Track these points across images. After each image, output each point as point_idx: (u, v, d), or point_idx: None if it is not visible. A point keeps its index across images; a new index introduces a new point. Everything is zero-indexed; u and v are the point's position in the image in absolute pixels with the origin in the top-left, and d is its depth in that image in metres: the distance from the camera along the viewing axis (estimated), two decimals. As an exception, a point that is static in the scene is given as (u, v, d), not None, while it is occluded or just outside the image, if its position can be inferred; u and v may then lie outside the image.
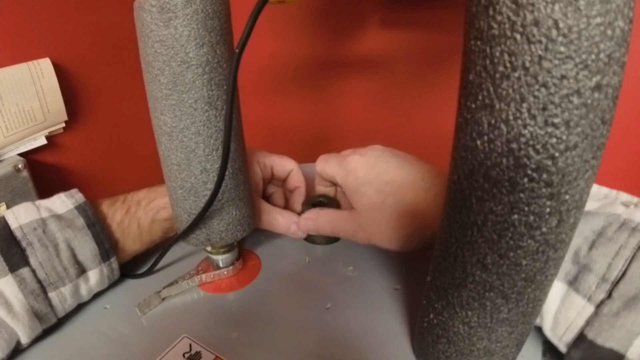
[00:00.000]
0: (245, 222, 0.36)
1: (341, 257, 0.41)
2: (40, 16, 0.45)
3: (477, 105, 0.19)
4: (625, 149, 0.51)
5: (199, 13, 0.28)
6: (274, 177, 0.44)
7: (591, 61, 0.16)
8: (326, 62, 0.65)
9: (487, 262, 0.21)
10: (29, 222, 0.31)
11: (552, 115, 0.17)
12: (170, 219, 0.37)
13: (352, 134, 0.69)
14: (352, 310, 0.34)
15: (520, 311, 0.23)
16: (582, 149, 0.18)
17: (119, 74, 0.55)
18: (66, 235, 0.32)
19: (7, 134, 0.44)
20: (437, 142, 0.36)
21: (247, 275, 0.39)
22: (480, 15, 0.17)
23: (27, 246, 0.30)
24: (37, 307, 0.30)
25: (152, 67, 0.29)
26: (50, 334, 0.32)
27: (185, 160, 0.31)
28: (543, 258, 0.21)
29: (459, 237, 0.22)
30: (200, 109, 0.30)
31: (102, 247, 0.33)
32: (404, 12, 0.57)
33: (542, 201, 0.19)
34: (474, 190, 0.20)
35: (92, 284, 0.34)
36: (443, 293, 0.25)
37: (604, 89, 0.17)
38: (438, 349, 0.27)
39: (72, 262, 0.32)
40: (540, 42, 0.16)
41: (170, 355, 0.31)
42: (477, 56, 0.18)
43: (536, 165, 0.18)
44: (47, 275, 0.31)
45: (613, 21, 0.16)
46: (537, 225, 0.20)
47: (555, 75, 0.16)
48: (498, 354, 0.25)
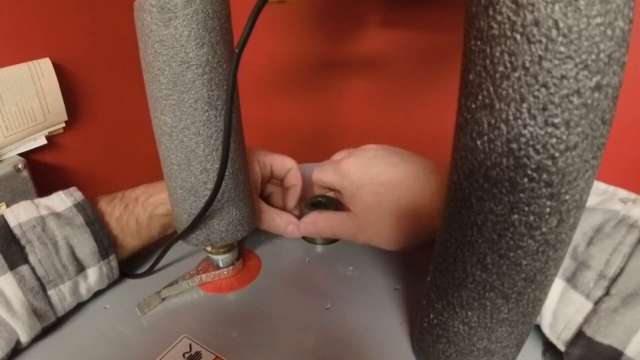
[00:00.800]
0: (246, 222, 0.36)
1: (341, 257, 0.41)
2: (40, 16, 0.45)
3: (477, 105, 0.19)
4: (625, 149, 0.51)
5: (199, 13, 0.28)
6: (273, 176, 0.44)
7: (591, 61, 0.16)
8: (326, 62, 0.65)
9: (487, 262, 0.21)
10: (28, 220, 0.31)
11: (552, 115, 0.17)
12: (169, 215, 0.37)
13: (352, 134, 0.69)
14: (352, 310, 0.34)
15: (520, 311, 0.23)
16: (582, 149, 0.18)
17: (119, 74, 0.55)
18: (65, 233, 0.32)
19: (7, 133, 0.44)
20: (437, 142, 0.36)
21: (247, 275, 0.39)
22: (480, 15, 0.17)
23: (26, 244, 0.30)
24: (36, 305, 0.30)
25: (152, 67, 0.29)
26: (50, 334, 0.32)
27: (185, 160, 0.31)
28: (543, 258, 0.21)
29: (459, 237, 0.22)
30: (200, 109, 0.30)
31: (101, 244, 0.34)
32: (404, 12, 0.57)
33: (542, 201, 0.19)
34: (474, 190, 0.20)
35: (91, 282, 0.34)
36: (443, 293, 0.25)
37: (604, 89, 0.17)
38: (438, 349, 0.27)
39: (71, 259, 0.32)
40: (540, 42, 0.16)
41: (170, 355, 0.31)
42: (477, 56, 0.18)
43: (536, 165, 0.18)
44: (47, 272, 0.31)
45: (613, 21, 0.16)
46: (537, 225, 0.20)
47: (556, 75, 0.16)
48: (498, 354, 0.25)
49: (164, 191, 0.37)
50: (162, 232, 0.39)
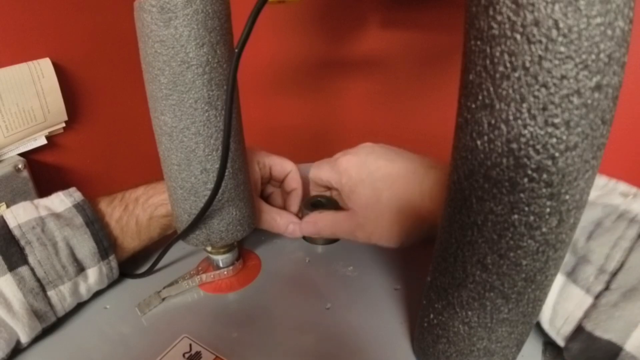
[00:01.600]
0: (246, 222, 0.36)
1: (341, 257, 0.41)
2: (40, 16, 0.45)
3: (477, 105, 0.19)
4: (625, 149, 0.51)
5: (199, 13, 0.28)
6: (272, 178, 0.44)
7: (591, 61, 0.16)
8: (326, 62, 0.65)
9: (487, 262, 0.21)
10: (28, 220, 0.31)
11: (552, 116, 0.17)
12: (169, 216, 0.37)
13: (352, 134, 0.69)
14: (352, 310, 0.34)
15: (520, 311, 0.23)
16: (582, 149, 0.18)
17: (119, 74, 0.55)
18: (65, 233, 0.32)
19: (7, 133, 0.44)
20: (437, 142, 0.36)
21: (247, 275, 0.39)
22: (480, 15, 0.17)
23: (25, 245, 0.30)
24: (36, 305, 0.30)
25: (152, 67, 0.29)
26: (50, 334, 0.32)
27: (185, 160, 0.31)
28: (543, 258, 0.21)
29: (459, 237, 0.22)
30: (200, 109, 0.30)
31: (100, 245, 0.33)
32: (404, 12, 0.57)
33: (542, 201, 0.19)
34: (474, 190, 0.20)
35: (91, 282, 0.34)
36: (443, 293, 0.25)
37: (604, 89, 0.17)
38: (438, 349, 0.27)
39: (70, 260, 0.32)
40: (540, 42, 0.16)
41: (170, 355, 0.31)
42: (477, 56, 0.18)
43: (536, 165, 0.18)
44: (46, 273, 0.31)
45: (613, 21, 0.16)
46: (537, 225, 0.20)
47: (556, 76, 0.16)
48: (498, 354, 0.25)
49: (163, 192, 0.37)
50: (162, 233, 0.39)
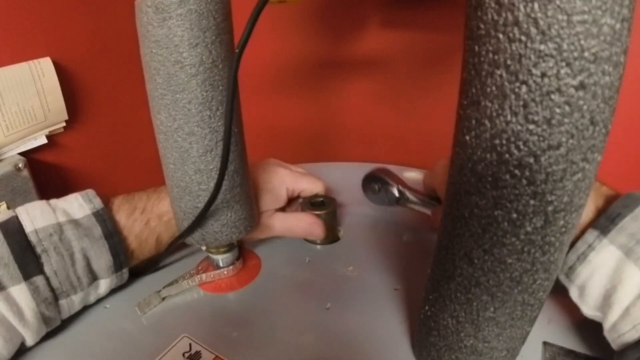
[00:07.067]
0: (241, 224, 0.35)
1: (341, 257, 0.41)
2: (40, 16, 0.45)
3: (467, 102, 0.19)
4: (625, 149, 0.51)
5: (192, 13, 0.27)
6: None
7: (573, 59, 0.16)
8: (327, 62, 0.65)
9: (473, 257, 0.22)
10: (45, 226, 0.30)
11: (533, 113, 0.17)
12: None
13: (353, 134, 0.69)
14: (352, 310, 0.34)
15: (507, 312, 0.23)
16: (567, 148, 0.18)
17: (119, 74, 0.55)
18: (83, 244, 0.31)
19: (8, 133, 0.44)
20: (438, 142, 0.36)
21: (247, 275, 0.39)
22: (471, 16, 0.18)
23: (42, 253, 0.30)
24: (47, 314, 0.30)
25: (150, 66, 0.29)
26: (51, 334, 0.32)
27: (180, 160, 0.31)
28: (529, 259, 0.21)
29: (450, 230, 0.23)
30: (194, 109, 0.30)
31: (117, 259, 0.33)
32: (405, 12, 0.57)
33: (525, 199, 0.19)
34: (462, 184, 0.21)
35: (101, 291, 0.34)
36: (436, 284, 0.25)
37: (590, 88, 0.17)
38: (430, 342, 0.27)
39: (86, 272, 0.32)
40: (520, 40, 0.16)
41: (170, 354, 0.31)
42: (469, 55, 0.19)
43: (518, 162, 0.18)
44: (61, 284, 0.30)
45: (599, 19, 0.15)
46: (520, 223, 0.20)
47: (536, 74, 0.17)
48: (486, 355, 0.25)
49: None
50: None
